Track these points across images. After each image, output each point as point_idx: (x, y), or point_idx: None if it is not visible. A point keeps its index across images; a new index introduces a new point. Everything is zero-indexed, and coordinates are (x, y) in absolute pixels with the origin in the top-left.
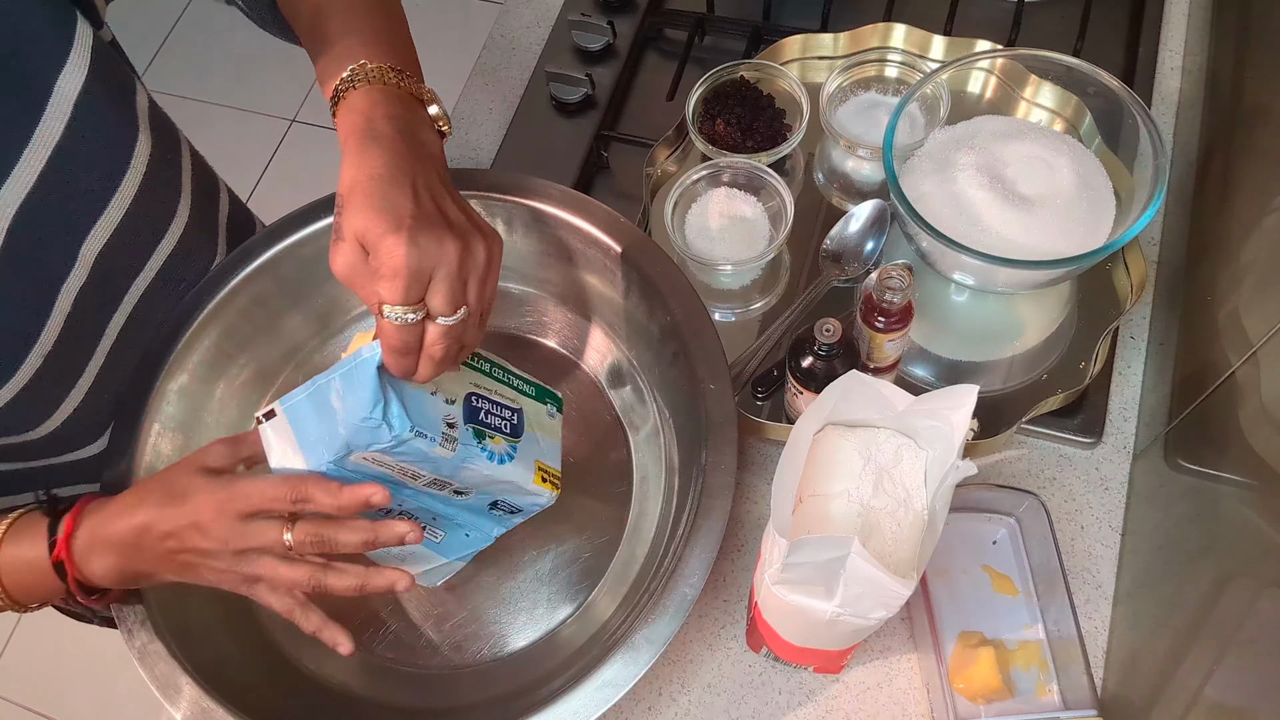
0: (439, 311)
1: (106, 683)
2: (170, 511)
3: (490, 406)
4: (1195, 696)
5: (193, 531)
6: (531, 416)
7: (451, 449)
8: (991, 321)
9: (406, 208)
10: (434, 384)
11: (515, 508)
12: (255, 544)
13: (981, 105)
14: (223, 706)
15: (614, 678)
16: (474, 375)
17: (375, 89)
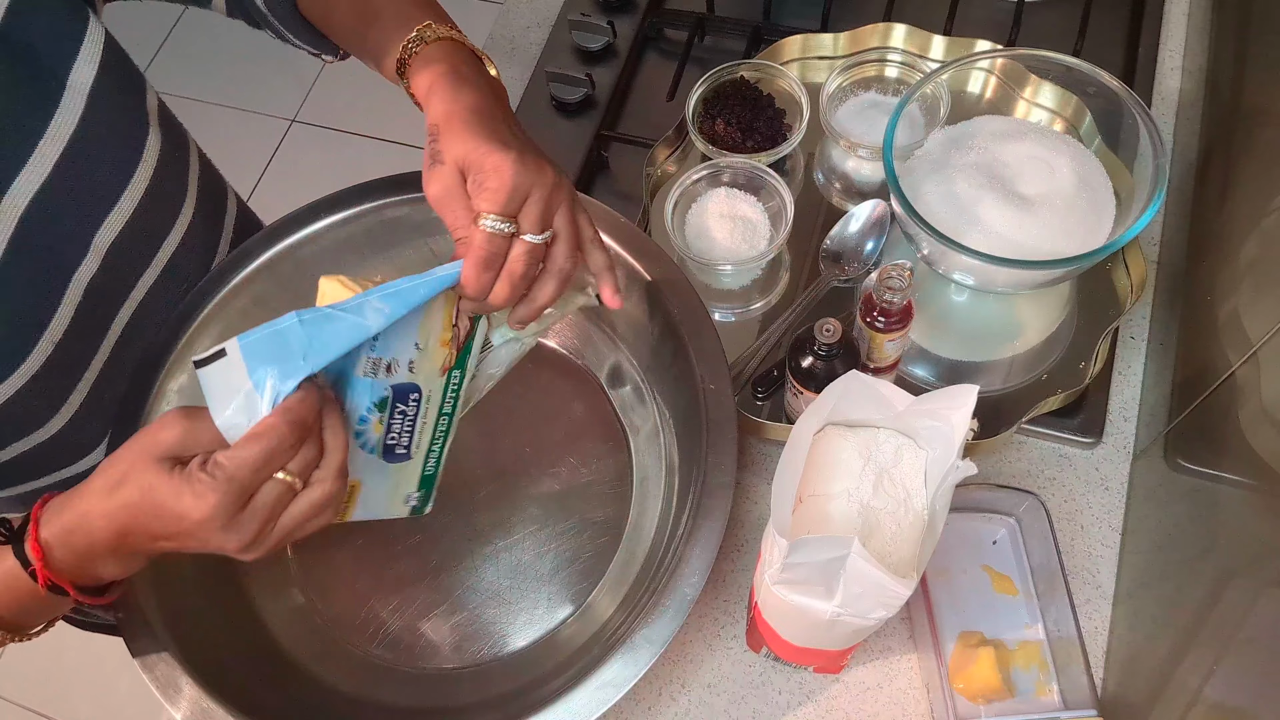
0: (528, 229)
1: (107, 683)
2: (149, 521)
3: (410, 414)
4: (1195, 696)
5: (187, 539)
6: (401, 474)
7: (367, 373)
8: (991, 321)
9: (507, 135)
10: (424, 346)
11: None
12: (264, 517)
13: (981, 105)
14: (223, 706)
15: (614, 678)
16: (439, 393)
17: (448, 44)
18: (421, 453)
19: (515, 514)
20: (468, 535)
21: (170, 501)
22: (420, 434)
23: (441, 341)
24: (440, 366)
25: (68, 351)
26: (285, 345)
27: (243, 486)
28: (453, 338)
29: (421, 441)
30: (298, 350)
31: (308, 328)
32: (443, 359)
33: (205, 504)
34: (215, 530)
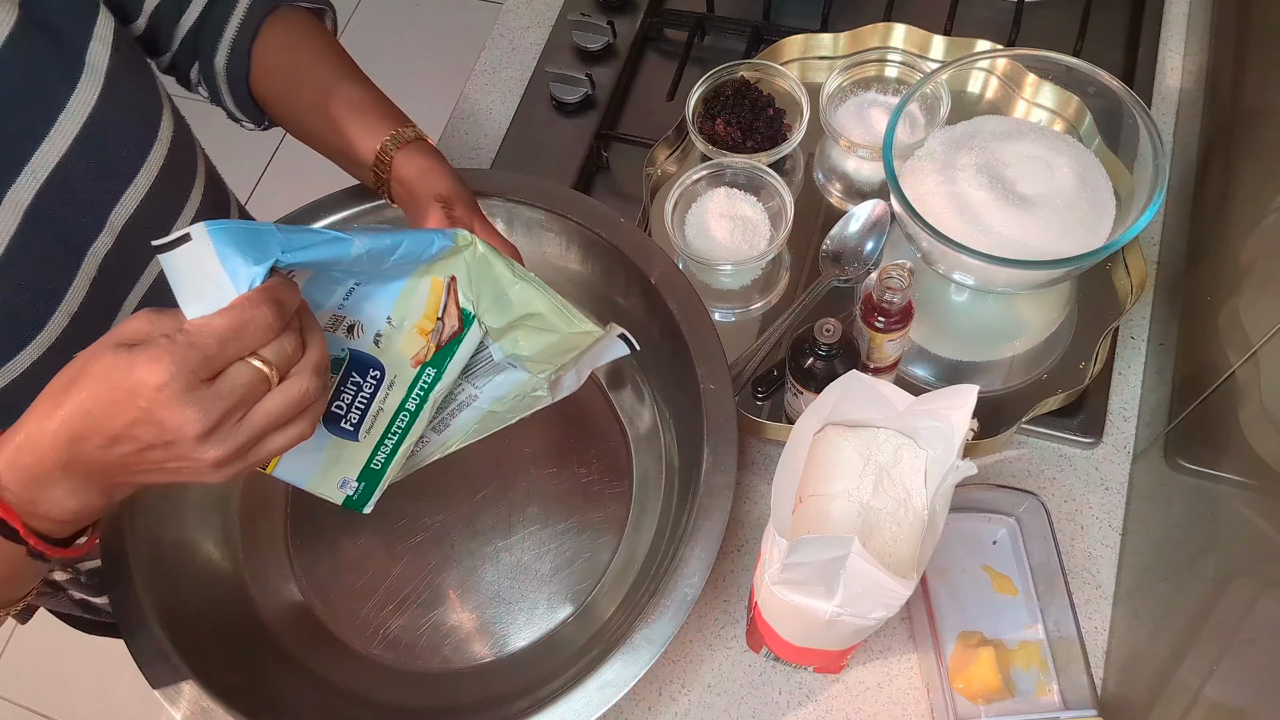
0: None
1: (106, 683)
2: (99, 410)
3: (366, 392)
4: (1195, 696)
5: (142, 428)
6: (340, 450)
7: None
8: (991, 321)
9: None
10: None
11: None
12: (232, 402)
13: (981, 105)
14: (222, 706)
15: (614, 678)
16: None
17: (422, 144)
18: (371, 440)
19: (515, 514)
20: (467, 535)
21: (122, 374)
22: (374, 418)
23: (420, 329)
24: (414, 356)
25: (82, 327)
26: (259, 238)
27: (206, 354)
28: (435, 330)
29: (374, 428)
30: (274, 245)
31: (284, 230)
32: (418, 348)
33: (160, 366)
34: (173, 403)
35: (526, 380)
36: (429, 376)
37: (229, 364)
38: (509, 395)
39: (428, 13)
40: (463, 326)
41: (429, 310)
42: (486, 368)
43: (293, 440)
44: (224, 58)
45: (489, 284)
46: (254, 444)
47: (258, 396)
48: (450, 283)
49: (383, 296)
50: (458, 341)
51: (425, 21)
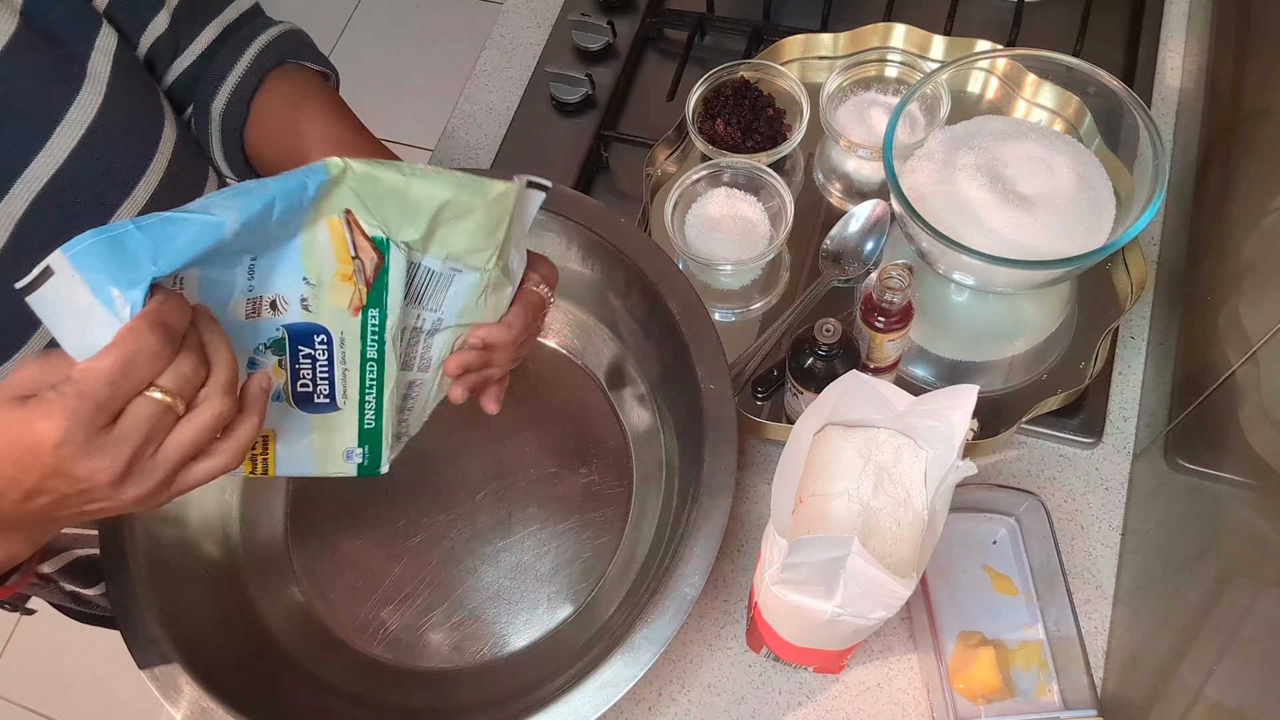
0: (550, 291)
1: (106, 683)
2: (10, 467)
3: (322, 361)
4: (1195, 696)
5: (53, 480)
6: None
7: (247, 314)
8: (991, 321)
9: None
10: (317, 283)
11: None
12: (139, 439)
13: (981, 105)
14: (223, 706)
15: (614, 678)
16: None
17: None
18: (352, 403)
19: (515, 514)
20: (467, 535)
21: (21, 431)
22: (343, 381)
23: (341, 275)
24: (349, 305)
25: None
26: (124, 251)
27: (98, 402)
28: (356, 270)
29: (348, 390)
30: (144, 256)
31: (147, 231)
32: (349, 296)
33: (55, 423)
34: (78, 456)
35: (478, 278)
36: (374, 319)
37: (126, 403)
38: (473, 303)
39: (428, 13)
40: (381, 255)
41: (340, 254)
42: (433, 285)
43: (218, 469)
44: (222, 103)
45: (386, 199)
46: (174, 475)
47: (166, 428)
48: (347, 217)
49: (287, 260)
50: (385, 272)
51: (425, 21)
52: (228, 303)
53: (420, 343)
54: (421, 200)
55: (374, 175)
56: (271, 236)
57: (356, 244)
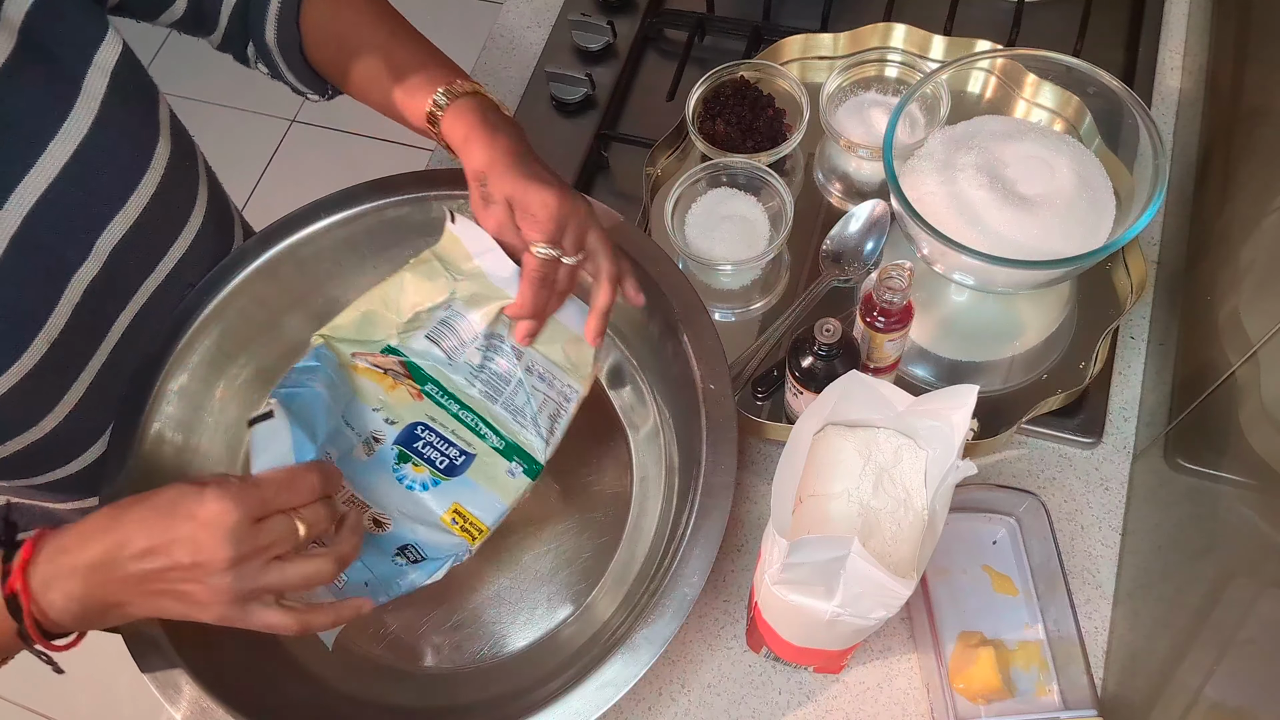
0: (570, 252)
1: (106, 683)
2: (154, 524)
3: (434, 440)
4: (1195, 696)
5: (182, 546)
6: (483, 466)
7: (369, 453)
8: (991, 321)
9: (544, 173)
10: (384, 405)
11: (421, 554)
12: (267, 543)
13: (981, 105)
14: (222, 706)
15: (614, 678)
16: (435, 409)
17: (476, 98)
18: (479, 444)
19: (515, 514)
20: None
21: (189, 499)
22: (459, 438)
23: (389, 388)
24: (411, 397)
25: (65, 351)
26: (313, 423)
27: (263, 498)
28: (393, 376)
29: (468, 439)
30: (320, 431)
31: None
32: (406, 395)
33: (222, 502)
34: (220, 531)
35: (461, 303)
36: (433, 389)
37: (275, 511)
38: (482, 313)
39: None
40: (395, 355)
41: (376, 377)
42: (449, 332)
43: (281, 620)
44: (273, 32)
45: (367, 328)
46: (261, 594)
47: (286, 546)
48: (359, 359)
49: (356, 410)
50: (409, 362)
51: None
52: (352, 450)
53: (489, 366)
54: (378, 312)
55: (344, 326)
56: (341, 407)
57: (378, 364)
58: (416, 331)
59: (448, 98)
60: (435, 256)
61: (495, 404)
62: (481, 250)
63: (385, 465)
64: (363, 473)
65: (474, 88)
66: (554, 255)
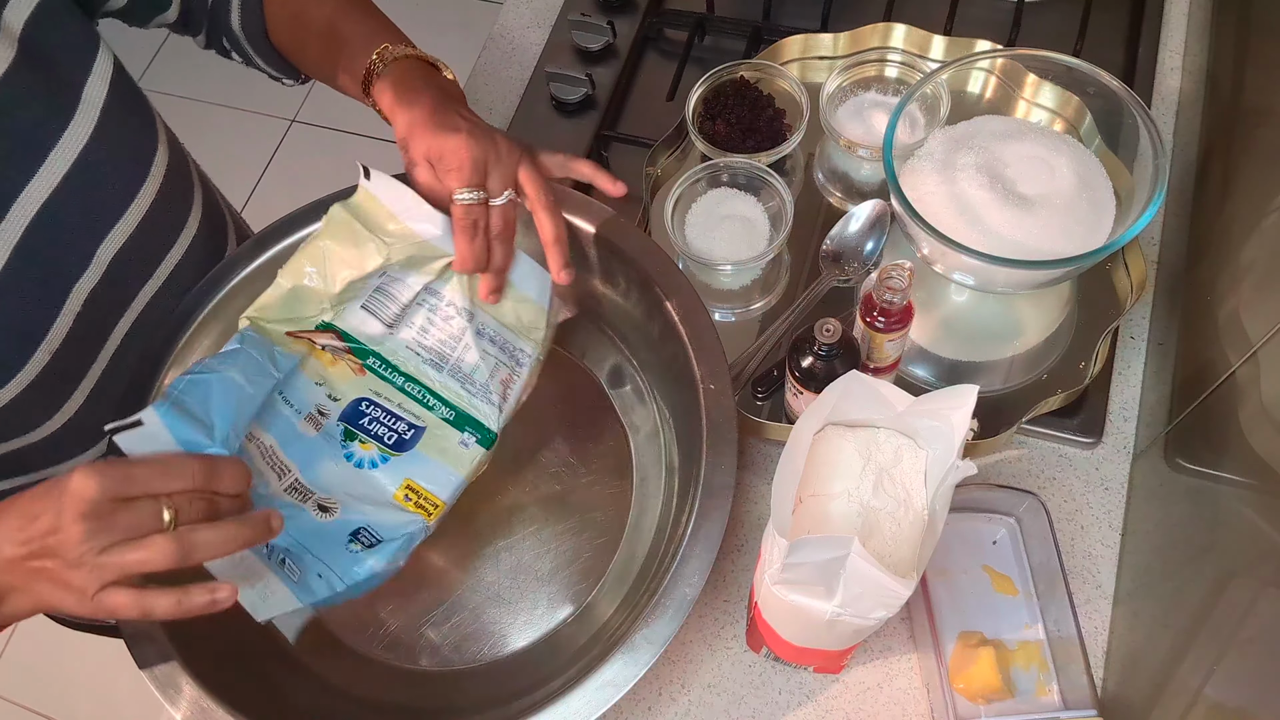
0: (496, 192)
1: (107, 683)
2: (29, 503)
3: (380, 415)
4: (1195, 696)
5: (45, 520)
6: (434, 439)
7: (316, 428)
8: (991, 321)
9: (457, 121)
10: (325, 381)
11: (376, 537)
12: (125, 523)
13: (981, 105)
14: (222, 706)
15: (613, 678)
16: (379, 383)
17: (404, 62)
18: (430, 415)
19: (515, 514)
20: (467, 535)
21: (62, 478)
22: (406, 411)
23: (329, 363)
24: (353, 374)
25: (66, 359)
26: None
27: (129, 477)
28: (332, 352)
29: (416, 412)
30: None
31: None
32: (347, 370)
33: (86, 478)
34: (76, 511)
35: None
36: (378, 363)
37: (144, 495)
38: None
39: (427, 13)
40: (332, 330)
41: (314, 352)
42: (386, 300)
43: (123, 602)
44: (238, 18)
45: (294, 303)
46: (108, 574)
47: (144, 530)
48: (290, 334)
49: (297, 385)
50: (346, 335)
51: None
52: (296, 428)
53: (433, 331)
54: (305, 286)
55: (272, 305)
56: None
57: (314, 340)
58: (351, 303)
59: (382, 64)
60: (354, 218)
61: (442, 371)
62: (405, 208)
63: (333, 444)
64: (309, 454)
65: (408, 52)
66: (475, 199)
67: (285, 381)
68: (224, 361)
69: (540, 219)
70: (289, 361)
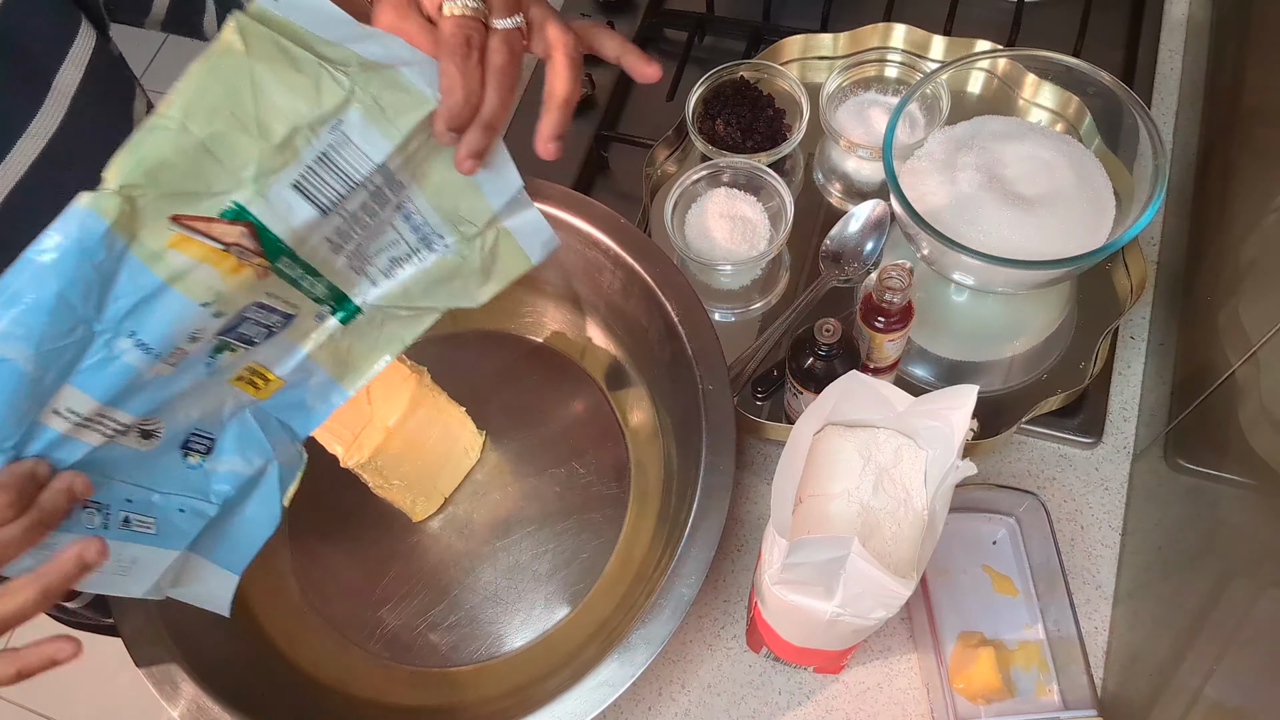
0: (499, 12)
1: (106, 683)
2: None
3: (260, 315)
4: (1195, 696)
5: None
6: (296, 325)
7: (173, 365)
8: (991, 321)
9: None
10: (217, 298)
11: (206, 434)
12: None
13: (981, 105)
14: (221, 706)
15: (610, 678)
16: (278, 284)
17: None
18: (299, 299)
19: (513, 514)
20: (465, 535)
21: None
22: (287, 303)
23: (228, 272)
24: (254, 279)
25: None
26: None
27: None
28: (238, 259)
29: (295, 301)
30: None
31: None
32: (250, 276)
33: None
34: None
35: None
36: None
37: None
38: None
39: None
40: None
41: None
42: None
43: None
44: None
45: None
46: None
47: None
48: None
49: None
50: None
51: None
52: (147, 370)
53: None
54: (225, 135)
55: (165, 164)
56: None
57: (215, 236)
58: (284, 171)
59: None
60: (276, 30)
61: (339, 256)
62: (334, 26)
63: (197, 365)
64: (157, 393)
65: None
66: (472, 8)
67: (137, 312)
68: (21, 306)
69: (555, 66)
70: (148, 281)
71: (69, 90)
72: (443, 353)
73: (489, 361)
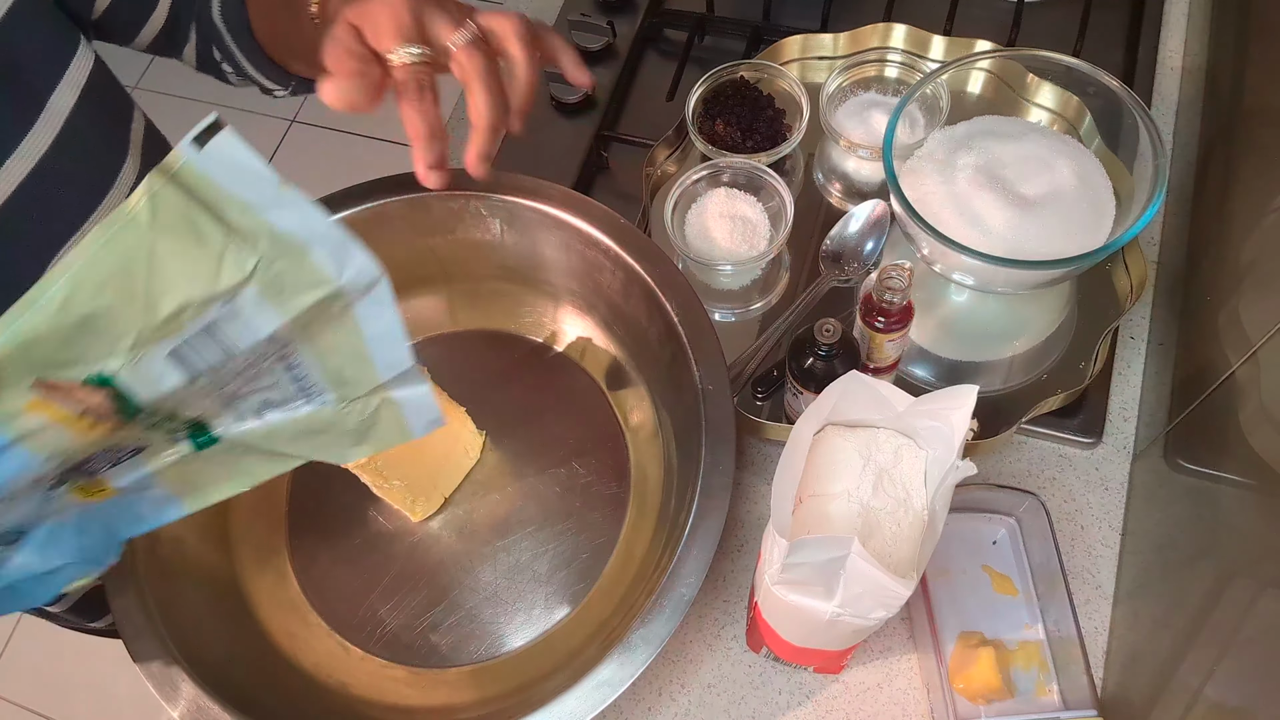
0: (446, 37)
1: (106, 683)
2: None
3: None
4: (1195, 696)
5: None
6: None
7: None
8: (991, 321)
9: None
10: (57, 453)
11: (19, 531)
12: None
13: (981, 105)
14: (221, 706)
15: (610, 678)
16: (135, 432)
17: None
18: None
19: (513, 514)
20: (465, 535)
21: None
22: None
23: (82, 431)
24: (105, 433)
25: None
26: None
27: None
28: (92, 421)
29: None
30: None
31: None
32: (103, 433)
33: None
34: None
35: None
36: (143, 418)
37: None
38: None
39: None
40: (104, 385)
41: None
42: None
43: None
44: (218, 9)
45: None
46: None
47: None
48: (44, 392)
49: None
50: (123, 397)
51: None
52: None
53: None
54: (113, 309)
55: (38, 338)
56: None
57: (73, 398)
58: (164, 342)
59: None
60: (190, 198)
61: (207, 399)
62: (258, 190)
63: (32, 497)
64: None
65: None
66: (418, 55)
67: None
68: None
69: (471, 95)
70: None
71: (63, 111)
72: (443, 353)
73: (489, 361)
